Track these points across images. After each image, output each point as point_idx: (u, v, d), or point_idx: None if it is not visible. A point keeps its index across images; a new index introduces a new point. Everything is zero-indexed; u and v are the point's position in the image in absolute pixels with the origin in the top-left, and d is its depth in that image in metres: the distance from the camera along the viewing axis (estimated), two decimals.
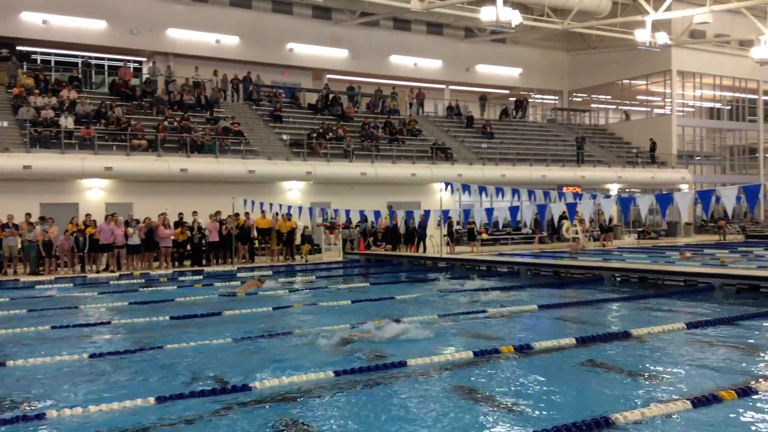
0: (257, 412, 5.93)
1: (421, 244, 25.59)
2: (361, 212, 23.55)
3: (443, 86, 40.33)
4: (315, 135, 29.15)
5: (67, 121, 23.91)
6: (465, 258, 21.14)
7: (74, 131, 23.89)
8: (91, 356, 8.22)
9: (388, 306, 12.25)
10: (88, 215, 20.91)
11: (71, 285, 17.07)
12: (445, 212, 23.01)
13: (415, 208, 26.31)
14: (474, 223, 25.93)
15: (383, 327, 9.08)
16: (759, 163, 43.06)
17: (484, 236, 28.87)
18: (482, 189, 21.07)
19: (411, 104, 36.80)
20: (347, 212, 23.39)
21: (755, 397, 6.03)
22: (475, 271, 18.72)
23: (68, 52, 30.80)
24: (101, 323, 10.80)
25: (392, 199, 27.83)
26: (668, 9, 32.41)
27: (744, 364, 7.50)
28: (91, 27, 29.72)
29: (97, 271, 19.81)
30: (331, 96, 33.46)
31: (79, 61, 30.11)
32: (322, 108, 32.88)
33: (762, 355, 8.00)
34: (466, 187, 21.68)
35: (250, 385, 6.56)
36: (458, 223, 28.50)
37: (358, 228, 25.89)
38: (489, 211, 19.31)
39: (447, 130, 35.54)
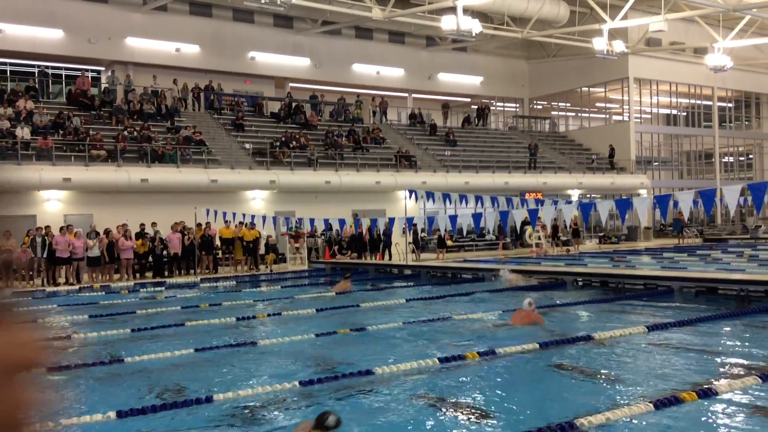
0: (221, 423, 5.86)
1: (387, 251, 25.62)
2: (326, 221, 23.47)
3: (406, 94, 40.47)
4: (278, 144, 28.99)
5: (23, 132, 23.39)
6: (430, 265, 21.20)
7: (31, 142, 23.38)
8: (49, 370, 8.03)
9: (354, 314, 12.21)
10: (47, 227, 20.43)
11: (29, 299, 16.66)
12: (410, 220, 23.10)
13: (380, 215, 26.29)
14: (438, 230, 26.13)
15: None
16: (715, 168, 44.08)
17: (449, 243, 29.00)
18: (446, 196, 21.22)
19: (374, 112, 36.83)
20: (312, 221, 23.29)
21: (715, 398, 6.14)
22: (440, 277, 18.78)
23: (24, 61, 30.12)
24: (60, 337, 10.56)
25: (357, 207, 27.78)
26: (624, 18, 33.05)
27: (704, 366, 7.65)
28: (47, 36, 29.10)
29: (56, 284, 19.39)
30: (293, 104, 33.34)
31: (36, 70, 29.51)
32: (285, 116, 32.72)
33: (721, 356, 8.17)
34: (430, 195, 21.80)
35: (213, 397, 6.48)
36: (423, 231, 28.59)
37: (323, 237, 25.78)
38: (453, 218, 19.44)
39: (410, 138, 35.66)
